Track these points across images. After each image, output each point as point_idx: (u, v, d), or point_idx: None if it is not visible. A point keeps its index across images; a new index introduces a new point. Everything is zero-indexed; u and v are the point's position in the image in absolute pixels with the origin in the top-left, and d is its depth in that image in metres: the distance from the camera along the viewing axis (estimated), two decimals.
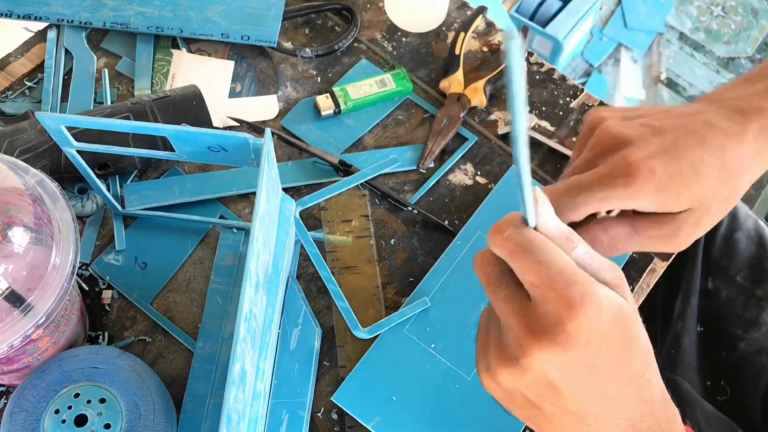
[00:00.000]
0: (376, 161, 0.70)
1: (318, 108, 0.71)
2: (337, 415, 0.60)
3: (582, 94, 0.75)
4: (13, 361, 0.52)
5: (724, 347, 0.77)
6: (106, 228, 0.66)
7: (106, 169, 0.64)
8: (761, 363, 0.75)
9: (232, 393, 0.44)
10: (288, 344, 0.61)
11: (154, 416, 0.52)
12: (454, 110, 0.72)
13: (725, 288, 0.78)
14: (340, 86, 0.72)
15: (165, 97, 0.65)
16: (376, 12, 0.79)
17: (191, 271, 0.65)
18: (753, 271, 0.78)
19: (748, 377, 0.75)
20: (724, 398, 0.77)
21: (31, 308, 0.47)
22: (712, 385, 0.78)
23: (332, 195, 0.65)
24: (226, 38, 0.73)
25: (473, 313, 0.63)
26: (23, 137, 0.62)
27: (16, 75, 0.72)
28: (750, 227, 0.79)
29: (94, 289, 0.63)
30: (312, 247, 0.62)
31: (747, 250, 0.78)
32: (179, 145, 0.53)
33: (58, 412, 0.50)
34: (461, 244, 0.66)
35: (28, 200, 0.48)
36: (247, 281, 0.46)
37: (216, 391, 0.59)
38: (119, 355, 0.54)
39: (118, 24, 0.73)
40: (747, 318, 0.76)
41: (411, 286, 0.65)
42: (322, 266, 0.62)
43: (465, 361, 0.61)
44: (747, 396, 0.75)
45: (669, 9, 1.95)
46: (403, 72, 0.74)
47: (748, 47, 1.93)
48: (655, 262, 0.67)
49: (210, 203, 0.67)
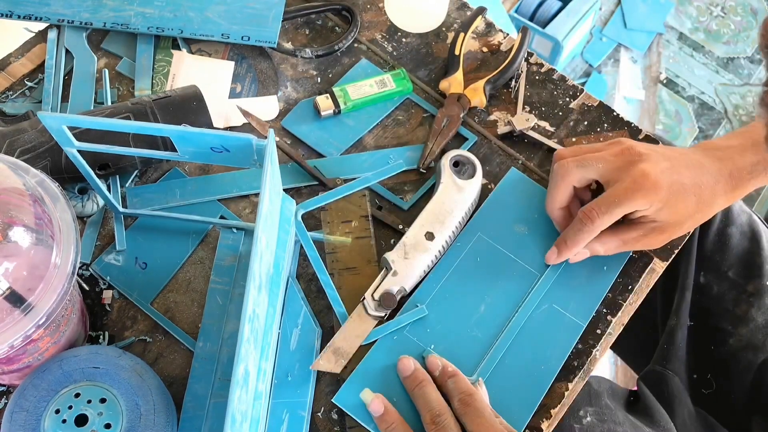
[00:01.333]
0: (375, 162, 0.70)
1: (318, 108, 0.71)
2: (338, 415, 0.60)
3: (582, 94, 0.76)
4: (13, 361, 0.52)
5: (713, 342, 0.77)
6: (107, 228, 0.66)
7: (107, 170, 0.64)
8: (748, 359, 0.75)
9: (236, 393, 0.44)
10: (288, 344, 0.61)
11: (155, 416, 0.52)
12: (454, 110, 0.72)
13: (717, 283, 0.78)
14: (340, 86, 0.72)
15: (165, 97, 0.65)
16: (376, 12, 0.79)
17: (191, 271, 0.65)
18: (745, 266, 0.78)
19: (735, 373, 0.76)
20: (709, 392, 0.77)
21: (31, 308, 0.47)
22: (698, 379, 0.78)
23: (334, 199, 0.66)
24: (226, 39, 0.73)
25: (473, 314, 0.63)
26: (24, 137, 0.62)
27: (16, 75, 0.72)
28: (743, 222, 0.79)
29: (95, 289, 0.63)
30: (312, 250, 0.63)
31: (739, 245, 0.78)
32: (182, 145, 0.53)
33: (58, 411, 0.50)
34: (461, 245, 0.66)
35: (29, 200, 0.48)
36: (251, 282, 0.46)
37: (216, 391, 0.59)
38: (120, 355, 0.54)
39: (118, 24, 0.73)
40: (737, 314, 0.77)
41: None
42: (321, 270, 0.63)
43: (465, 362, 0.61)
44: (732, 391, 0.76)
45: (668, 9, 1.95)
46: (403, 72, 0.74)
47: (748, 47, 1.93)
48: (654, 262, 0.67)
49: (210, 203, 0.67)
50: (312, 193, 0.69)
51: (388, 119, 0.73)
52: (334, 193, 0.65)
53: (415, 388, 0.59)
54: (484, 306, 0.64)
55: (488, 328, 0.63)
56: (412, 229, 0.64)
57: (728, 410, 0.75)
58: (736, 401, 0.75)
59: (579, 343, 0.63)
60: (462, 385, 0.58)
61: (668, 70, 1.88)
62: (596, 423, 0.69)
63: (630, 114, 1.80)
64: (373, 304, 0.61)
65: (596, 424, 0.69)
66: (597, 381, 0.76)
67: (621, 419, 0.71)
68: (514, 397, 0.60)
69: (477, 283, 0.65)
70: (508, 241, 0.67)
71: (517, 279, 0.65)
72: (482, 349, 0.62)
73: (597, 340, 0.64)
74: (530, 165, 0.71)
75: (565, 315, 0.64)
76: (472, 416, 0.56)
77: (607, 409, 0.71)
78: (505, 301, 0.64)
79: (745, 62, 1.91)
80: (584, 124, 0.74)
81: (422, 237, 0.63)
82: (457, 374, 0.59)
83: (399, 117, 0.73)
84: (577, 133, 0.73)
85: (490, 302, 0.64)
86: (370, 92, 0.72)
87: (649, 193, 0.59)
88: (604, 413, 0.70)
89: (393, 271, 0.62)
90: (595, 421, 0.69)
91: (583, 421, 0.69)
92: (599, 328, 0.64)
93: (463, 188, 0.66)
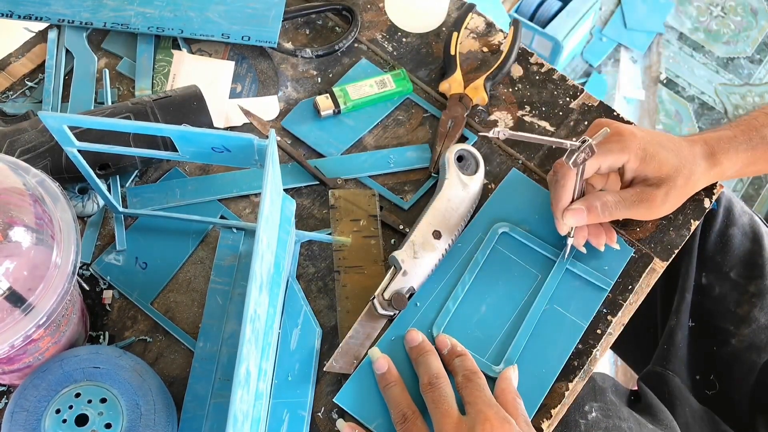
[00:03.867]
0: (375, 162, 0.70)
1: (318, 108, 0.71)
2: (338, 415, 0.60)
3: (582, 94, 0.76)
4: (14, 361, 0.52)
5: (715, 343, 0.78)
6: (107, 228, 0.66)
7: (107, 169, 0.64)
8: (751, 359, 0.75)
9: (238, 393, 0.44)
10: (288, 344, 0.61)
11: (155, 416, 0.52)
12: (458, 111, 0.72)
13: (719, 284, 0.78)
14: (340, 86, 0.72)
15: (166, 97, 0.65)
16: (376, 12, 0.79)
17: (192, 271, 0.65)
18: (746, 267, 0.78)
19: (738, 373, 0.76)
20: (712, 392, 0.77)
21: (32, 308, 0.47)
22: (701, 380, 0.78)
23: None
24: (226, 39, 0.73)
25: (474, 315, 0.63)
26: (24, 137, 0.62)
27: (16, 75, 0.72)
28: (745, 223, 0.80)
29: (95, 289, 0.63)
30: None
31: (741, 246, 0.79)
32: (183, 145, 0.53)
33: (59, 411, 0.50)
34: (462, 246, 0.66)
35: (29, 200, 0.48)
36: (253, 282, 0.45)
37: (217, 391, 0.59)
38: (120, 355, 0.54)
39: (118, 24, 0.73)
40: (739, 314, 0.77)
41: None
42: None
43: None
44: (735, 391, 0.76)
45: (668, 9, 1.95)
46: (403, 72, 0.74)
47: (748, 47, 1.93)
48: (654, 262, 0.67)
49: (210, 203, 0.67)
50: (312, 193, 0.69)
51: (388, 119, 0.73)
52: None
53: (419, 356, 0.60)
54: (485, 306, 0.64)
55: (489, 328, 0.63)
56: (419, 228, 0.63)
57: (732, 411, 0.75)
58: (740, 402, 0.75)
59: (579, 343, 0.63)
60: (468, 363, 0.59)
61: (668, 70, 1.88)
62: (601, 418, 0.69)
63: (630, 114, 1.80)
64: (384, 303, 0.61)
65: (601, 419, 0.69)
66: (601, 377, 0.76)
67: (626, 415, 0.71)
68: None
69: (478, 284, 0.65)
70: (509, 243, 0.67)
71: (518, 280, 0.65)
72: (483, 350, 0.62)
73: (597, 340, 0.64)
74: (530, 165, 0.71)
75: (566, 315, 0.64)
76: (471, 389, 0.57)
77: (612, 405, 0.71)
78: (506, 301, 0.64)
79: (745, 62, 1.91)
80: (584, 124, 0.74)
81: (430, 235, 0.63)
82: (465, 354, 0.60)
83: (399, 117, 0.73)
84: (577, 133, 0.73)
85: (491, 303, 0.64)
86: (370, 92, 0.72)
87: (624, 140, 0.63)
88: (609, 408, 0.70)
89: (403, 271, 0.62)
90: (600, 416, 0.69)
91: (588, 416, 0.69)
92: (599, 328, 0.64)
93: (467, 184, 0.66)
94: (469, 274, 0.65)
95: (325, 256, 0.66)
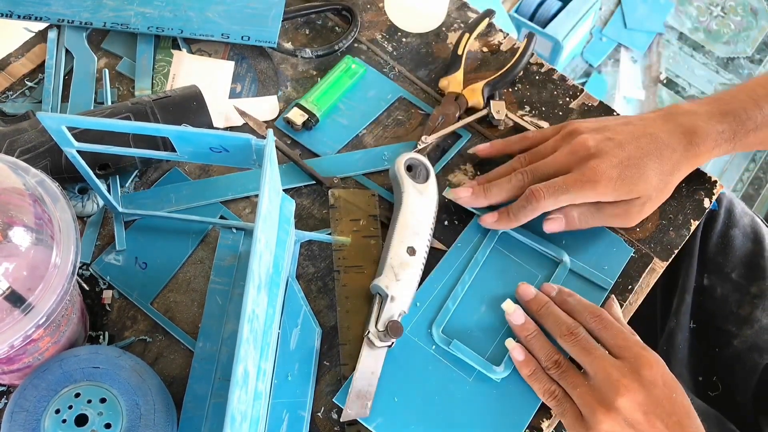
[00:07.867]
0: (369, 159, 0.70)
1: (292, 123, 0.70)
2: (338, 415, 0.60)
3: (582, 94, 0.76)
4: (13, 361, 0.52)
5: (717, 344, 0.78)
6: (107, 228, 0.66)
7: (107, 170, 0.64)
8: (753, 360, 0.75)
9: (236, 394, 0.44)
10: (288, 344, 0.61)
11: (155, 416, 0.52)
12: (451, 109, 0.72)
13: (720, 285, 0.78)
14: (304, 98, 0.72)
15: (165, 97, 0.65)
16: (376, 12, 0.79)
17: (191, 271, 0.65)
18: (748, 268, 0.78)
19: (740, 374, 0.76)
20: (715, 394, 0.77)
21: (31, 308, 0.47)
22: (703, 381, 0.78)
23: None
24: (226, 39, 0.73)
25: (474, 315, 0.63)
26: (24, 137, 0.62)
27: (16, 75, 0.72)
28: (746, 224, 0.80)
29: (95, 289, 0.63)
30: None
31: (742, 247, 0.79)
32: (181, 145, 0.53)
33: (58, 411, 0.50)
34: (462, 246, 0.66)
35: (29, 200, 0.48)
36: (251, 282, 0.46)
37: (216, 391, 0.59)
38: (120, 355, 0.54)
39: (118, 24, 0.73)
40: (741, 315, 0.77)
41: None
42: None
43: (466, 363, 0.61)
44: (738, 392, 0.76)
45: (668, 9, 1.95)
46: (348, 58, 0.75)
47: (748, 47, 1.93)
48: (654, 262, 0.67)
49: (210, 203, 0.67)
50: (312, 193, 0.69)
51: (388, 119, 0.73)
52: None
53: (540, 309, 0.61)
54: (485, 306, 0.64)
55: (489, 328, 0.63)
56: (393, 249, 0.62)
57: (736, 412, 0.75)
58: (743, 403, 0.75)
59: None
60: (585, 301, 0.61)
61: (668, 70, 1.88)
62: None
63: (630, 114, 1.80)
64: (380, 335, 0.59)
65: None
66: None
67: None
68: (516, 397, 0.60)
69: (478, 284, 0.65)
70: (509, 243, 0.67)
71: (518, 280, 0.65)
72: (483, 350, 0.62)
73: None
74: None
75: None
76: (610, 330, 0.58)
77: None
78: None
79: (745, 62, 1.91)
80: None
81: (405, 254, 0.62)
82: (574, 294, 0.62)
83: (399, 117, 0.73)
84: None
85: (492, 303, 0.64)
86: (326, 84, 0.72)
87: (598, 186, 0.61)
88: None
89: (390, 297, 0.60)
90: None
91: None
92: None
93: (423, 192, 0.65)
94: (469, 274, 0.65)
95: (324, 256, 0.66)
